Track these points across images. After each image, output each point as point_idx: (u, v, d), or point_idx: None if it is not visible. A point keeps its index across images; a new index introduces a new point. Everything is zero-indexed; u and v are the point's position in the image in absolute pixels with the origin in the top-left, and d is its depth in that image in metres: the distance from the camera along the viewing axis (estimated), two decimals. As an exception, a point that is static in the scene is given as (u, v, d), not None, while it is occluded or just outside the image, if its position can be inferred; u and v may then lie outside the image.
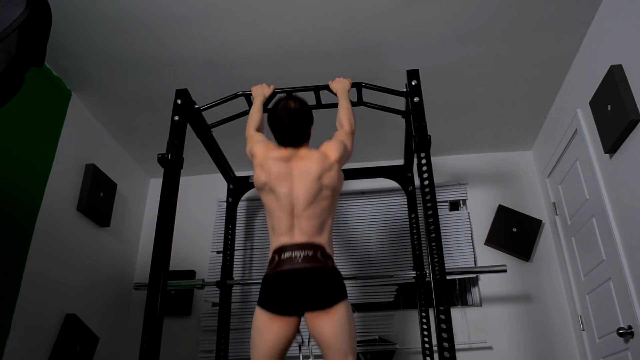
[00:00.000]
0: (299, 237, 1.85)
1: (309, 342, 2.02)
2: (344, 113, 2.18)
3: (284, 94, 2.00)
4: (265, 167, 1.95)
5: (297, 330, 1.85)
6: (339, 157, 1.97)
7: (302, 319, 1.83)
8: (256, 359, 1.82)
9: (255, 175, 1.98)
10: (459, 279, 3.40)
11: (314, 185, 1.88)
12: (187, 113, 2.42)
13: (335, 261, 1.93)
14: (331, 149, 1.98)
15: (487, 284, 3.35)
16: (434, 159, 2.31)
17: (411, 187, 3.07)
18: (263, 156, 1.98)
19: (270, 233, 1.94)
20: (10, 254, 2.43)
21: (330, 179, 1.92)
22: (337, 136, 2.09)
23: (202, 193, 3.83)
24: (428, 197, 2.06)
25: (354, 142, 2.13)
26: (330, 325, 1.76)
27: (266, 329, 1.80)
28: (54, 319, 2.71)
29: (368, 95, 2.52)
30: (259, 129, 2.21)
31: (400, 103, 2.53)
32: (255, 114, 2.26)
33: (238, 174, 3.31)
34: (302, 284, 1.79)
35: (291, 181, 1.90)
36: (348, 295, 1.87)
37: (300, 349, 2.04)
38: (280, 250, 1.84)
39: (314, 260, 1.80)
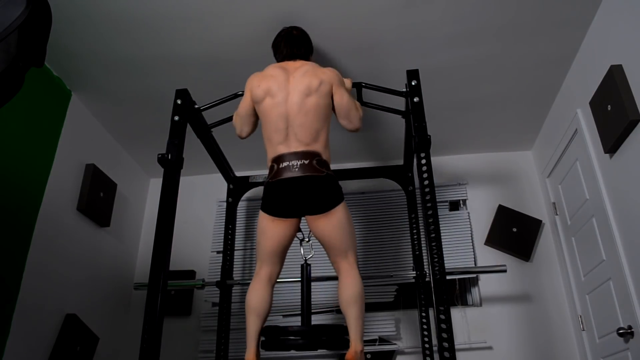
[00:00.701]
0: (295, 146, 1.97)
1: (309, 238, 2.22)
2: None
3: None
4: (267, 75, 2.10)
5: (298, 229, 2.04)
6: (332, 75, 2.10)
7: (302, 218, 2.02)
8: (261, 256, 2.03)
9: (260, 85, 2.08)
10: (459, 279, 3.40)
11: (304, 87, 2.01)
12: (187, 113, 2.42)
13: None
14: (330, 69, 2.15)
15: (487, 284, 3.35)
16: (434, 159, 2.31)
17: (411, 187, 3.07)
18: (261, 73, 2.15)
19: (267, 144, 2.06)
20: (10, 254, 2.43)
21: (313, 78, 2.03)
22: None
23: (202, 193, 3.83)
24: (428, 197, 2.06)
25: (360, 124, 2.23)
26: (330, 227, 1.96)
27: (269, 229, 1.99)
28: (54, 319, 2.72)
29: (368, 95, 2.52)
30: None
31: (400, 103, 2.53)
32: None
33: (238, 174, 3.32)
34: (300, 191, 1.94)
35: (287, 88, 2.03)
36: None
37: (301, 244, 2.26)
38: (278, 159, 1.98)
39: (310, 169, 1.93)
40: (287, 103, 2.00)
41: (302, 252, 2.27)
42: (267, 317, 2.00)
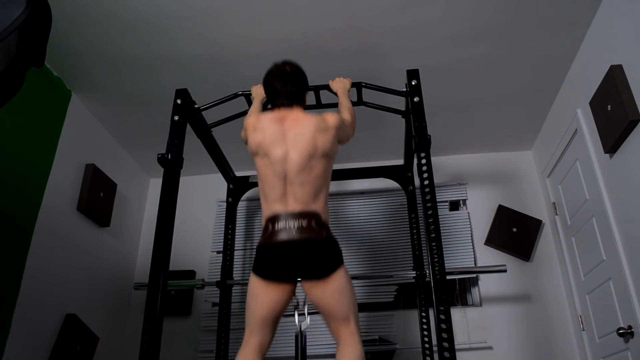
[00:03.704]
0: (292, 205, 1.82)
1: (304, 303, 2.01)
2: (344, 110, 2.18)
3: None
4: (259, 128, 1.92)
5: (293, 295, 1.86)
6: (337, 124, 1.94)
7: (298, 283, 1.85)
8: (251, 324, 1.83)
9: (250, 139, 1.94)
10: (459, 279, 3.40)
11: (308, 147, 1.85)
12: (187, 113, 2.42)
13: None
14: (330, 115, 1.97)
15: (487, 284, 3.35)
16: (434, 159, 2.31)
17: (411, 187, 3.07)
18: (256, 120, 1.97)
19: (263, 201, 1.91)
20: (10, 254, 2.43)
21: (324, 143, 1.88)
22: (340, 113, 2.08)
23: (202, 193, 3.83)
24: (428, 197, 2.06)
25: (354, 135, 2.13)
26: (329, 294, 1.78)
27: (261, 294, 1.81)
28: (54, 319, 2.72)
29: (368, 95, 2.52)
30: None
31: (400, 103, 2.53)
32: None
33: (238, 174, 3.31)
34: (297, 256, 1.77)
35: (285, 144, 1.86)
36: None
37: (296, 310, 2.03)
38: (273, 218, 1.81)
39: (309, 231, 1.78)
40: (287, 162, 1.84)
41: (296, 320, 2.01)
42: None
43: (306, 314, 2.02)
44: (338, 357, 1.79)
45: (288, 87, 1.96)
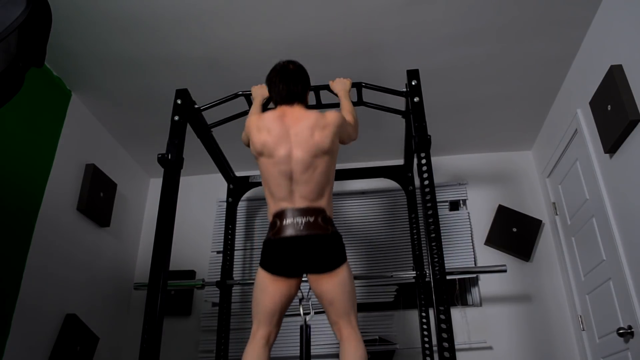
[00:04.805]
0: (299, 202, 1.88)
1: (309, 296, 2.13)
2: (346, 113, 2.18)
3: None
4: (263, 127, 1.95)
5: (298, 289, 1.95)
6: (337, 121, 1.98)
7: (304, 277, 1.93)
8: (259, 316, 1.90)
9: (254, 139, 1.96)
10: (459, 279, 3.40)
11: (310, 145, 1.89)
12: (187, 113, 2.42)
13: None
14: (330, 112, 2.00)
15: (487, 284, 3.35)
16: (434, 159, 2.31)
17: (411, 187, 3.07)
18: (258, 119, 2.00)
19: (268, 199, 1.96)
20: (10, 254, 2.43)
21: (323, 139, 1.91)
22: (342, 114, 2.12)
23: (202, 193, 3.83)
24: (428, 197, 2.06)
25: (357, 135, 2.18)
26: (333, 287, 1.86)
27: (268, 287, 1.88)
28: (54, 319, 2.71)
29: (368, 95, 2.52)
30: None
31: (400, 103, 2.53)
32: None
33: (238, 174, 3.32)
34: (304, 251, 1.85)
35: (289, 143, 1.90)
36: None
37: (301, 303, 2.14)
38: (280, 214, 1.88)
39: (316, 227, 1.85)
40: (291, 161, 1.88)
41: (301, 312, 2.11)
42: None
43: (310, 306, 2.12)
44: (343, 353, 1.84)
45: (291, 85, 2.01)
